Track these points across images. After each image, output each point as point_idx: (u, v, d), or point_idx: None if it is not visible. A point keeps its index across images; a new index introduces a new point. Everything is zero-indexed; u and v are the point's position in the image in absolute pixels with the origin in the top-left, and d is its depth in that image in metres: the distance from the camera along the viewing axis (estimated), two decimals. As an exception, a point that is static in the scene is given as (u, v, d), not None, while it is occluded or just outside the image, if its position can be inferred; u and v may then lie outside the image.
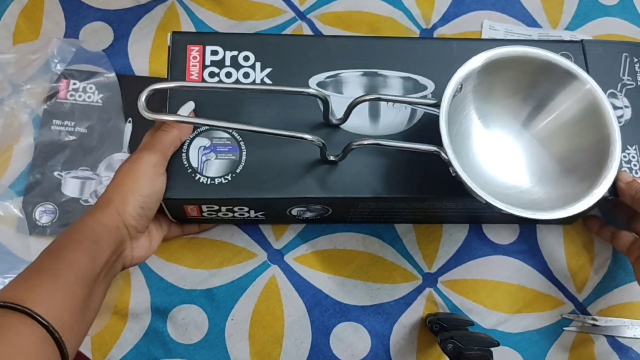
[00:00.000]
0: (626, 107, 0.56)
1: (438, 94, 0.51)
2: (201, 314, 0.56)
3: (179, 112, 0.49)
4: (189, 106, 0.50)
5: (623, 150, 0.53)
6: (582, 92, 0.50)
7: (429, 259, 0.59)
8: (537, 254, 0.60)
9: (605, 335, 0.57)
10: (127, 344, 0.55)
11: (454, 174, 0.44)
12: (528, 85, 0.51)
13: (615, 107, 0.55)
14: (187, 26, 0.66)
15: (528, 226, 0.61)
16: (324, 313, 0.57)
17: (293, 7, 0.67)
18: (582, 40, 0.57)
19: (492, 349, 0.52)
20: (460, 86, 0.48)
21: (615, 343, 0.58)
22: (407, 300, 0.57)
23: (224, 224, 0.57)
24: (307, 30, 0.66)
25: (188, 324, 0.55)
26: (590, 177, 0.48)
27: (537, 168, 0.52)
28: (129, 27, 0.65)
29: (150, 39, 0.65)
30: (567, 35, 0.68)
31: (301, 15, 0.67)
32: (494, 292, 0.58)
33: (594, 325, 0.57)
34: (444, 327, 0.54)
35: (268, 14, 0.67)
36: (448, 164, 0.45)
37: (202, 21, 0.66)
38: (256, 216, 0.53)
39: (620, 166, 0.52)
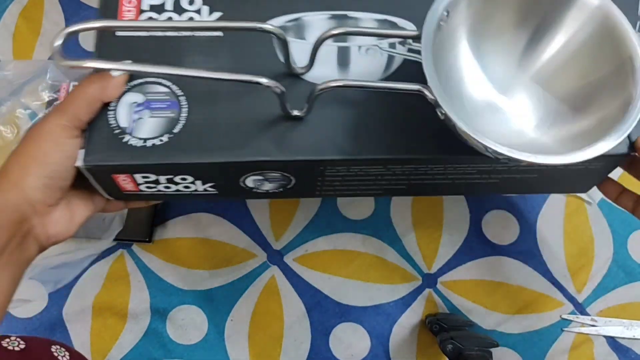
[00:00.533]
0: None
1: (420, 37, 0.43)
2: (200, 314, 0.56)
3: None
4: (124, 65, 0.42)
5: None
6: (590, 11, 0.43)
7: (429, 259, 0.59)
8: (537, 254, 0.60)
9: (605, 336, 0.57)
10: (126, 344, 0.55)
11: (442, 116, 0.37)
12: (529, 11, 0.44)
13: None
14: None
15: (528, 226, 0.61)
16: (324, 314, 0.57)
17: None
18: None
19: (492, 349, 0.52)
20: (446, 12, 0.40)
21: (614, 344, 0.58)
22: (406, 301, 0.57)
23: (173, 199, 0.52)
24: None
25: (187, 325, 0.55)
26: (611, 115, 0.40)
27: (546, 110, 0.45)
28: (129, 27, 0.65)
29: (149, 39, 0.65)
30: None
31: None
32: (494, 293, 0.58)
33: (593, 326, 0.57)
34: (444, 328, 0.54)
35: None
36: (435, 104, 0.38)
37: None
38: (205, 189, 0.45)
39: None
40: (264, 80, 0.38)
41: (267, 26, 0.39)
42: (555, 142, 0.42)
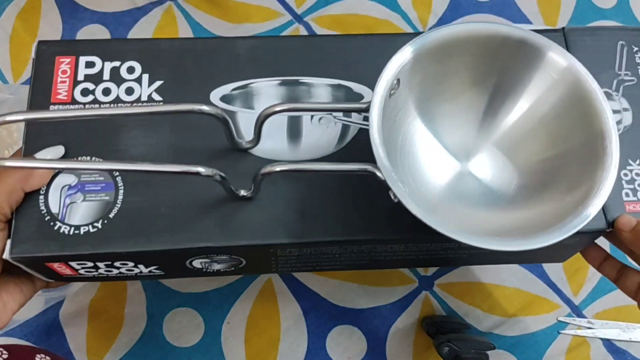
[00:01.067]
0: (625, 110, 0.44)
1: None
2: (197, 317, 0.56)
3: (39, 155, 0.39)
4: (56, 151, 0.39)
5: (624, 167, 0.42)
6: (558, 74, 0.38)
7: (426, 262, 0.59)
8: (534, 257, 0.60)
9: (601, 339, 0.57)
10: (122, 347, 0.54)
11: (395, 199, 0.34)
12: (489, 73, 0.40)
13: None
14: (184, 29, 0.66)
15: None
16: (320, 316, 0.56)
17: (290, 9, 0.67)
18: (563, 29, 0.45)
19: (488, 352, 0.52)
20: (396, 81, 0.37)
21: (611, 346, 0.58)
22: (403, 304, 0.57)
23: (118, 281, 0.49)
24: (303, 33, 0.66)
25: (184, 328, 0.55)
26: (579, 191, 0.36)
27: (511, 182, 0.40)
28: (126, 29, 0.65)
29: (147, 41, 0.65)
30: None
31: (298, 18, 0.67)
32: (490, 295, 0.58)
33: (589, 328, 0.57)
34: (440, 330, 0.54)
35: (265, 17, 0.67)
36: (385, 185, 0.34)
37: (199, 24, 0.66)
38: (150, 271, 0.42)
39: (621, 187, 0.41)
40: (202, 170, 0.35)
41: (204, 107, 0.36)
42: (522, 217, 0.38)
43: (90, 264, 0.39)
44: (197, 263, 0.41)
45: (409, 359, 0.56)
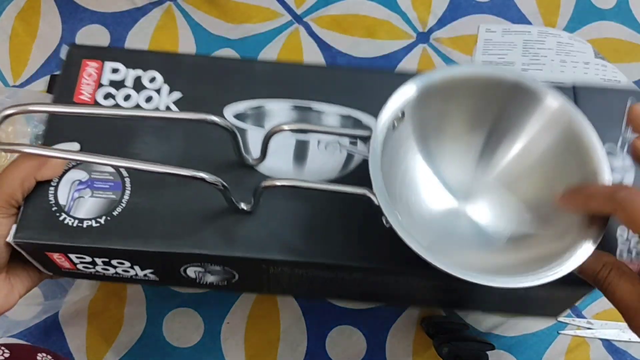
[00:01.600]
0: (629, 167, 0.43)
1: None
2: (197, 317, 0.56)
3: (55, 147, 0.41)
4: (71, 146, 0.41)
5: (619, 224, 0.41)
6: (551, 115, 0.39)
7: (425, 262, 0.59)
8: (533, 257, 0.60)
9: (601, 339, 0.57)
10: (122, 348, 0.55)
11: (387, 225, 0.34)
12: (489, 114, 0.41)
13: (613, 170, 0.41)
14: (184, 29, 0.66)
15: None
16: (320, 316, 0.56)
17: (290, 10, 0.67)
18: (573, 87, 0.45)
19: (488, 352, 0.52)
20: (401, 113, 0.38)
21: (610, 347, 0.58)
22: (403, 304, 0.58)
23: (114, 282, 0.50)
24: (303, 34, 0.66)
25: (184, 328, 0.55)
26: (570, 236, 0.36)
27: (507, 223, 0.41)
28: (126, 30, 0.66)
29: (147, 42, 0.65)
30: (565, 35, 0.68)
31: (298, 19, 0.67)
32: (490, 296, 0.58)
33: (589, 328, 0.57)
34: (440, 330, 0.54)
35: (265, 17, 0.67)
36: (379, 211, 0.34)
37: (199, 24, 0.66)
38: (145, 275, 0.43)
39: (615, 245, 0.41)
40: (205, 176, 0.36)
41: (215, 118, 0.38)
42: (514, 258, 0.38)
43: (89, 259, 0.41)
44: (191, 272, 0.43)
45: (408, 359, 0.56)
